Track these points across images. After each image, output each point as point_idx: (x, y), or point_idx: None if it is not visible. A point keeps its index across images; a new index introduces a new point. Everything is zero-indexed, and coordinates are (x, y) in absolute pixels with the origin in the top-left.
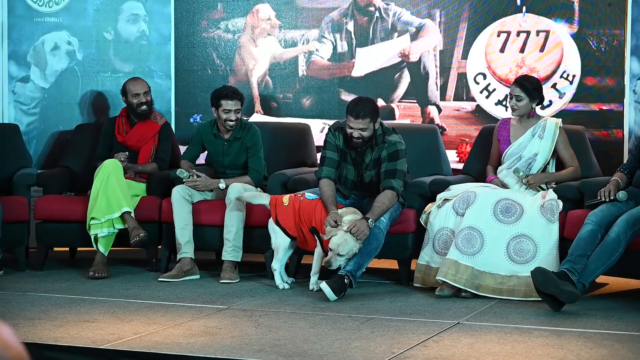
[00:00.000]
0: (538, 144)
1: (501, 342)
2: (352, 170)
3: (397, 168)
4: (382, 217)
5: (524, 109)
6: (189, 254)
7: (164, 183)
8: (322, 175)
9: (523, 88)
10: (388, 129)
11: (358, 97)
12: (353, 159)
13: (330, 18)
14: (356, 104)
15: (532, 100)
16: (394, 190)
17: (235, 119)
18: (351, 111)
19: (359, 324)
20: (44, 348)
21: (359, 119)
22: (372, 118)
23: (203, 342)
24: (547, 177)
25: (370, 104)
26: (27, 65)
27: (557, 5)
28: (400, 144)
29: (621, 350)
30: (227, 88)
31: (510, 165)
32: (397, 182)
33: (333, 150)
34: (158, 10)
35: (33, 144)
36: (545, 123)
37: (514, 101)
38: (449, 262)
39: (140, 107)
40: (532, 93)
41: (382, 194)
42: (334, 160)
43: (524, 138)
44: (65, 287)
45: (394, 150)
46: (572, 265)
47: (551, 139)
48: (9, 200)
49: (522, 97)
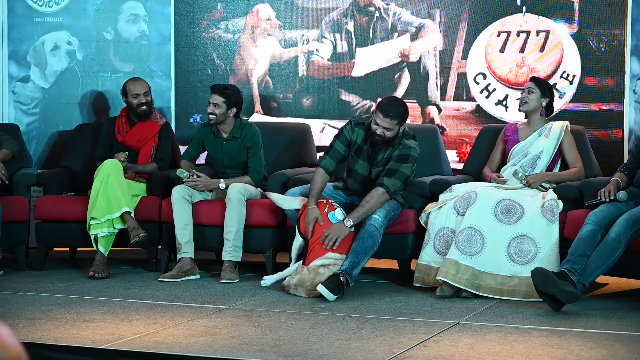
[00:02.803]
0: (543, 143)
1: (501, 342)
2: (365, 166)
3: (400, 169)
4: (377, 215)
5: (534, 103)
6: (189, 254)
7: (164, 183)
8: (321, 164)
9: (536, 82)
10: (408, 134)
11: (392, 97)
12: (368, 155)
13: (330, 18)
14: (389, 103)
15: (543, 96)
16: (383, 187)
17: (212, 111)
18: (382, 109)
19: (359, 324)
20: (44, 348)
21: (387, 117)
22: (400, 121)
23: (203, 342)
24: (546, 176)
25: (402, 106)
26: (27, 65)
27: (557, 5)
28: (414, 150)
29: (621, 350)
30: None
31: (516, 163)
32: (392, 181)
33: (343, 143)
34: (158, 10)
35: (33, 144)
36: (551, 126)
37: (525, 93)
38: (450, 262)
39: (140, 108)
40: (544, 88)
41: (370, 192)
42: (339, 154)
43: (531, 137)
44: (65, 287)
45: (405, 153)
46: (572, 265)
47: (556, 138)
48: (9, 200)
49: (534, 90)
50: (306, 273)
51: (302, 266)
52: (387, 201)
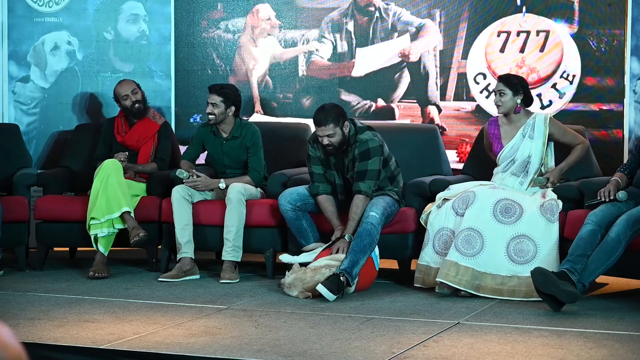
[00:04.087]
0: (530, 145)
1: (501, 342)
2: (337, 175)
3: (367, 168)
4: (374, 212)
5: (508, 103)
6: (188, 254)
7: (164, 183)
8: (319, 191)
9: (505, 82)
10: (361, 127)
11: (321, 105)
12: (334, 164)
13: (330, 18)
14: (317, 112)
15: (515, 94)
16: (361, 193)
17: (210, 111)
18: (314, 120)
19: (359, 324)
20: (44, 348)
21: (322, 126)
22: (336, 123)
23: (203, 342)
24: (562, 169)
25: (332, 109)
26: (27, 65)
27: (557, 5)
28: (372, 141)
29: (621, 350)
30: (215, 84)
31: (505, 168)
32: (367, 183)
33: (316, 163)
34: (158, 10)
35: (33, 144)
36: (534, 121)
37: (497, 97)
38: (449, 263)
39: (134, 107)
40: (515, 86)
41: (352, 203)
42: (321, 175)
43: (515, 140)
44: (65, 287)
45: (364, 149)
46: (572, 265)
47: (542, 138)
48: (9, 200)
49: (505, 91)
50: (303, 272)
51: (300, 267)
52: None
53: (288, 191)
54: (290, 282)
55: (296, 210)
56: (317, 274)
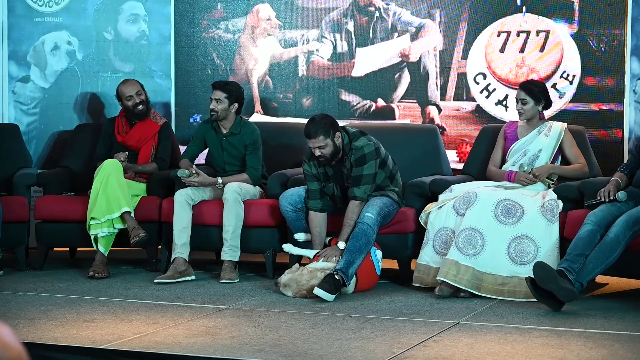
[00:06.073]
0: (543, 141)
1: (501, 342)
2: (335, 187)
3: (362, 174)
4: (370, 212)
5: (530, 112)
6: (183, 255)
7: (164, 183)
8: (309, 207)
9: (527, 91)
10: (355, 134)
11: (312, 117)
12: (332, 177)
13: (330, 18)
14: (308, 125)
15: (537, 102)
16: (356, 199)
17: (214, 108)
18: (305, 132)
19: (359, 324)
20: (44, 348)
21: (312, 138)
22: (327, 134)
23: (203, 342)
24: (552, 168)
25: (322, 121)
26: (27, 65)
27: (557, 5)
28: (367, 146)
29: (621, 350)
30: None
31: (515, 162)
32: (362, 188)
33: (312, 180)
34: (158, 10)
35: (33, 144)
36: (551, 125)
37: (520, 105)
38: (450, 262)
39: (137, 108)
40: (537, 95)
41: (347, 209)
42: (317, 191)
43: (530, 135)
44: (65, 287)
45: (360, 155)
46: (569, 265)
47: (556, 138)
48: (9, 200)
49: (527, 100)
50: (300, 273)
51: (298, 266)
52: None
53: (289, 192)
54: (286, 282)
55: (297, 211)
56: (313, 277)
